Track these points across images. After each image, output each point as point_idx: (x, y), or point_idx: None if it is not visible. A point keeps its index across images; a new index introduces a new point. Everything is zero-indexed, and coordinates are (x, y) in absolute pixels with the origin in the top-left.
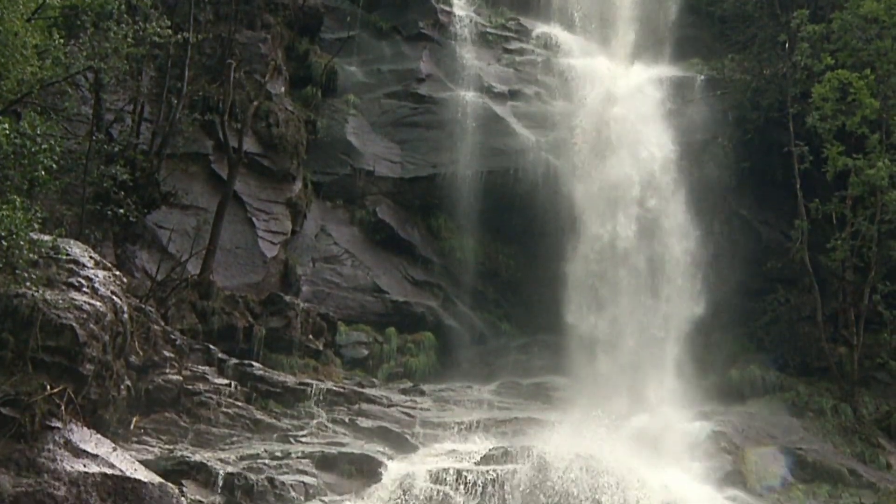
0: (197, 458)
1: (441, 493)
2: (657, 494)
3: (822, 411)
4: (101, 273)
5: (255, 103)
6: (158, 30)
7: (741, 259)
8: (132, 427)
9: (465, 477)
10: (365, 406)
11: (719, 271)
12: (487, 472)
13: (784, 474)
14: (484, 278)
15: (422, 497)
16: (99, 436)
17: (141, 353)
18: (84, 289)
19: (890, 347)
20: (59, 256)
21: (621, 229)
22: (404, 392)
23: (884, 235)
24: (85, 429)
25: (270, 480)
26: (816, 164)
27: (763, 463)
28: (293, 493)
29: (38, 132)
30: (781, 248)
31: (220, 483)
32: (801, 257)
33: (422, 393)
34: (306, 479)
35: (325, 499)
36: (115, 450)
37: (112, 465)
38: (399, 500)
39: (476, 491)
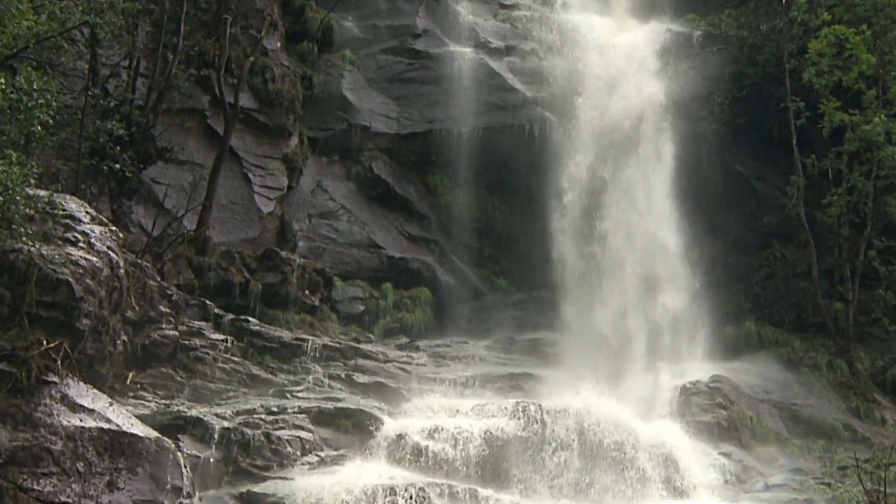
0: (193, 413)
1: (437, 448)
2: (651, 446)
3: (818, 367)
4: (97, 228)
5: (251, 59)
6: None
7: (737, 215)
8: (128, 382)
9: (461, 432)
10: (361, 361)
11: (715, 227)
12: (483, 426)
13: (779, 429)
14: (480, 234)
15: (417, 451)
16: (95, 391)
17: (137, 308)
18: (80, 244)
19: (885, 303)
20: (56, 212)
21: (616, 183)
22: (400, 347)
23: (879, 191)
24: (81, 384)
25: (267, 435)
26: (813, 120)
27: (758, 418)
28: (289, 449)
29: (34, 87)
30: (777, 203)
31: (217, 438)
32: (797, 213)
33: (418, 348)
34: (302, 434)
35: (322, 454)
36: (111, 405)
37: (108, 420)
38: (395, 455)
39: (471, 445)
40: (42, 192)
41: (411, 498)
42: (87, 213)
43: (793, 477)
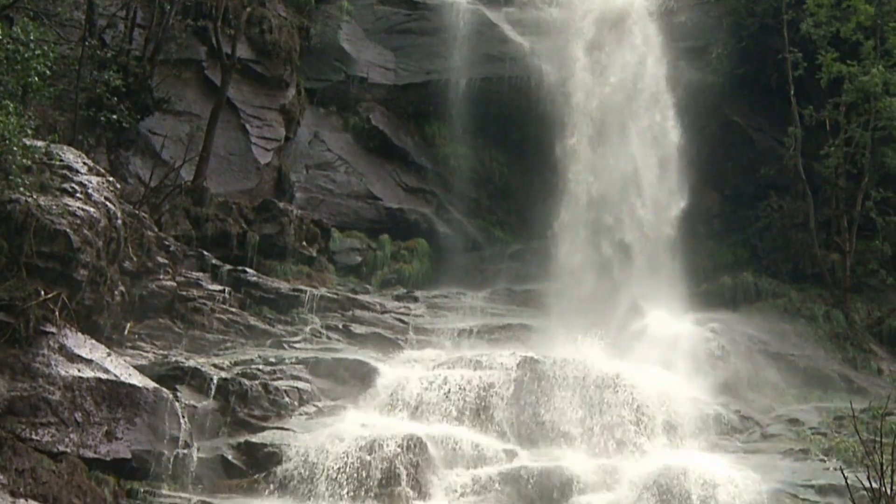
0: (191, 363)
1: (433, 398)
2: (647, 396)
3: (814, 317)
4: (94, 179)
5: (248, 9)
6: None
7: (735, 166)
8: (126, 333)
9: (458, 382)
10: (358, 312)
11: (712, 178)
12: (480, 377)
13: (776, 380)
14: (477, 185)
15: (414, 402)
16: (93, 341)
17: (135, 259)
18: (78, 194)
19: (882, 254)
20: (53, 162)
21: (613, 134)
22: (398, 298)
23: (877, 142)
24: (79, 334)
25: (264, 386)
26: (810, 71)
27: (755, 368)
28: (287, 399)
29: (31, 38)
30: (775, 154)
31: (214, 388)
32: (795, 164)
33: (415, 299)
34: (300, 384)
35: (319, 404)
36: (109, 355)
37: (106, 370)
38: (392, 405)
39: (468, 396)
40: (39, 143)
41: (409, 447)
42: (84, 163)
43: (789, 427)
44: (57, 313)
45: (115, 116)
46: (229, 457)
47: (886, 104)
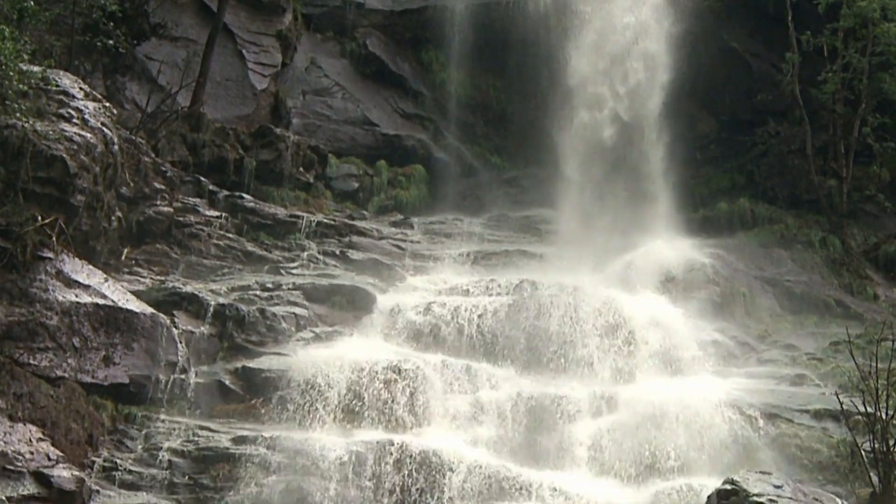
0: (188, 289)
1: (430, 324)
2: (644, 323)
3: (811, 243)
4: (91, 104)
5: None
6: None
7: (731, 92)
8: (123, 258)
9: (454, 308)
10: (355, 238)
11: (709, 104)
12: (477, 303)
13: (772, 306)
14: (474, 112)
15: (411, 328)
16: (90, 266)
17: (132, 184)
18: (74, 120)
19: (879, 180)
20: (49, 87)
21: (611, 58)
22: (395, 224)
23: (875, 68)
24: (76, 259)
25: (261, 311)
26: None
27: (751, 294)
28: (284, 325)
29: None
30: (772, 80)
31: (212, 314)
32: (792, 90)
33: (412, 225)
34: (297, 310)
35: (316, 330)
36: (106, 280)
37: (104, 296)
38: (389, 331)
39: (465, 322)
40: (35, 68)
41: (406, 373)
42: (80, 89)
43: (785, 353)
44: (54, 239)
45: (111, 42)
46: (226, 382)
47: (884, 29)
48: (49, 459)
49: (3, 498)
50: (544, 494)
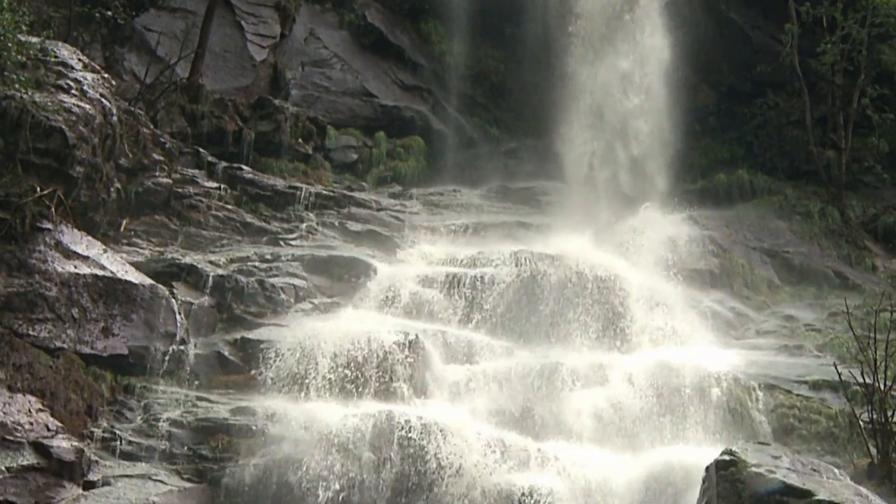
0: (187, 260)
1: (429, 296)
2: (642, 294)
3: (810, 214)
4: (89, 75)
5: None
6: None
7: (731, 63)
8: (122, 229)
9: (453, 279)
10: (354, 210)
11: (708, 75)
12: (475, 274)
13: (770, 277)
14: (473, 83)
15: (410, 299)
16: (89, 238)
17: (130, 155)
18: (73, 91)
19: (877, 151)
20: (48, 58)
21: (612, 31)
22: (393, 196)
23: (874, 39)
24: (75, 231)
25: (260, 283)
26: None
27: (749, 265)
28: (283, 296)
29: None
30: (771, 51)
31: (211, 285)
32: (791, 61)
33: (411, 197)
34: (296, 281)
35: (315, 301)
36: (105, 252)
37: (103, 267)
38: (388, 303)
39: (464, 293)
40: (34, 39)
41: (405, 344)
42: (79, 60)
43: (784, 324)
44: (53, 210)
45: (109, 13)
46: (225, 353)
47: (883, 0)
48: (48, 430)
49: (3, 468)
50: (544, 464)
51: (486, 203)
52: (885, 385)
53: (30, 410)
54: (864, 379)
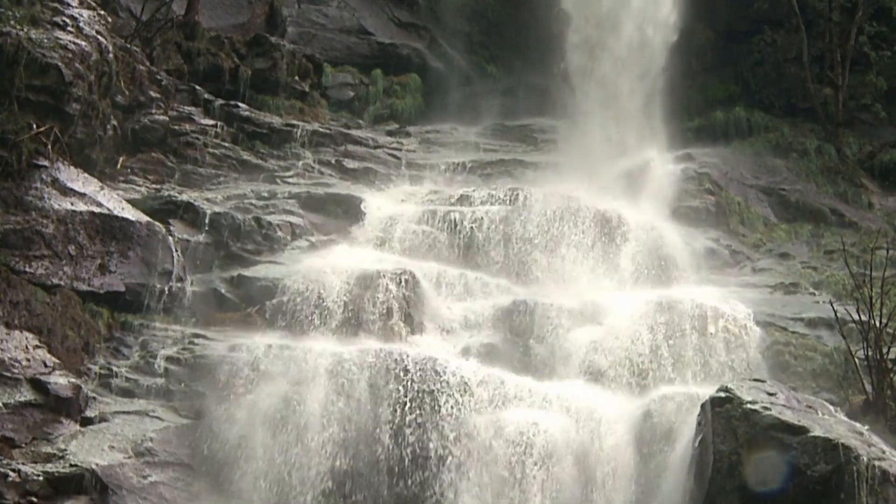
0: (184, 197)
1: (426, 233)
2: (638, 232)
3: (806, 152)
4: (85, 12)
5: None
6: None
7: (727, 1)
8: (119, 167)
9: (450, 217)
10: (351, 147)
11: (705, 13)
12: (471, 212)
13: (767, 214)
14: (470, 20)
15: (407, 236)
16: (86, 175)
17: (127, 93)
18: (69, 28)
19: (875, 88)
20: None
21: None
22: (390, 134)
23: None
24: (72, 168)
25: (257, 220)
26: None
27: (746, 203)
28: (280, 233)
29: None
30: None
31: (207, 222)
32: None
33: (408, 135)
34: (293, 218)
35: (312, 238)
36: (102, 189)
37: (100, 204)
38: (384, 240)
39: (461, 231)
40: None
41: (401, 282)
42: None
43: (780, 261)
44: (49, 147)
45: None
46: (222, 290)
47: None
48: (45, 366)
49: (1, 404)
50: (539, 402)
51: (484, 141)
52: (880, 322)
53: (27, 347)
54: (859, 316)
